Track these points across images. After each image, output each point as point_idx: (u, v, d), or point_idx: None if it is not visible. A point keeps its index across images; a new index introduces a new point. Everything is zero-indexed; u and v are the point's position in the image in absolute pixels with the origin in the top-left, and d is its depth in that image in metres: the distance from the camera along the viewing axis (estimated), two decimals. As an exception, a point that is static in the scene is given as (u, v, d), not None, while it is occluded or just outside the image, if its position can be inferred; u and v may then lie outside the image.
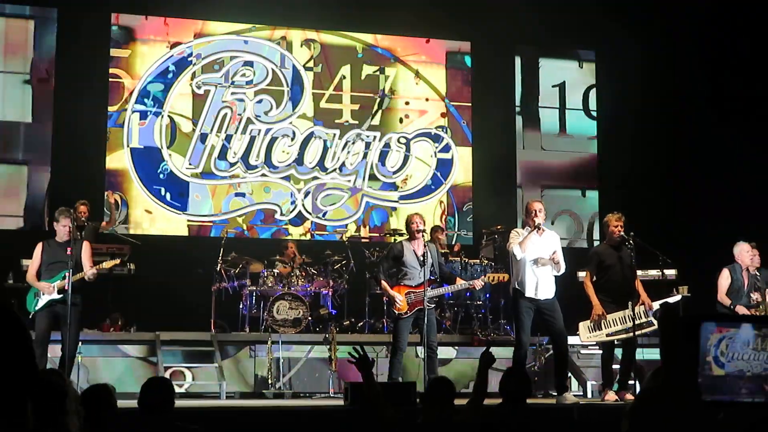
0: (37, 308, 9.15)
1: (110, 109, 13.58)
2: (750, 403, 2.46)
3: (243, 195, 13.98)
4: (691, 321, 2.52)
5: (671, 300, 10.32)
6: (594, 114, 15.52)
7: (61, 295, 9.08)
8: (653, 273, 11.53)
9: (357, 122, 14.51)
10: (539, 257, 9.32)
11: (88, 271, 9.13)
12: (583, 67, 15.66)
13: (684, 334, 2.53)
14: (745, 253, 10.49)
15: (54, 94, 13.31)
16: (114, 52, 13.72)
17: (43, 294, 9.16)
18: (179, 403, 5.15)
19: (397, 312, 9.50)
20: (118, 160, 13.55)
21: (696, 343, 2.35)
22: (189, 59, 14.01)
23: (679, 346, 2.56)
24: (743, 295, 10.40)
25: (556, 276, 9.46)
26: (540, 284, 9.33)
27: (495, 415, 5.58)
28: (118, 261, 10.10)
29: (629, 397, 9.26)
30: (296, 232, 14.01)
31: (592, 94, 15.55)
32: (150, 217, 13.63)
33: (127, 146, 13.60)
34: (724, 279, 10.43)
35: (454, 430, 5.27)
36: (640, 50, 14.27)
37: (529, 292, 9.29)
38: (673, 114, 14.37)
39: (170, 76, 13.91)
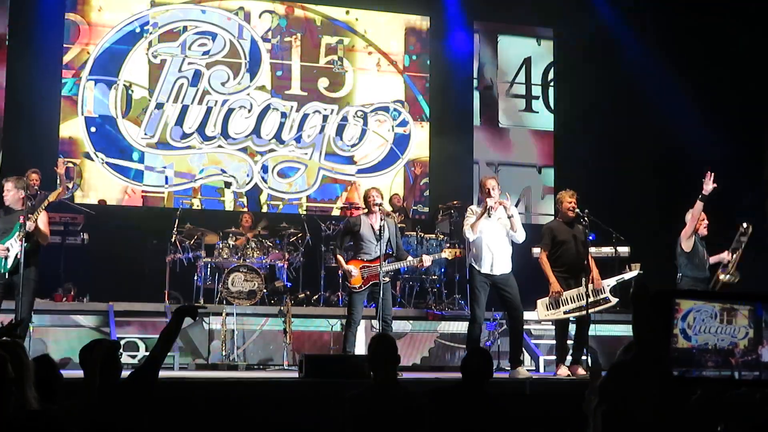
0: (8, 268, 8.98)
1: (65, 76, 13.40)
2: (717, 378, 2.49)
3: (199, 166, 13.88)
4: (663, 296, 2.54)
5: (627, 277, 10.33)
6: (552, 91, 15.57)
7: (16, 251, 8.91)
8: (606, 250, 11.64)
9: (314, 95, 14.44)
10: (494, 234, 9.32)
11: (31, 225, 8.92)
12: (542, 44, 15.69)
13: (655, 309, 2.55)
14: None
15: (6, 62, 13.07)
16: (69, 17, 13.53)
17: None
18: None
19: (351, 285, 9.50)
20: (73, 128, 13.39)
21: (668, 318, 2.37)
22: (146, 28, 13.84)
23: (650, 320, 2.59)
24: None
25: (514, 244, 9.47)
26: (495, 260, 9.33)
27: (450, 393, 5.54)
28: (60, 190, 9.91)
29: (581, 372, 9.34)
30: (252, 204, 13.96)
31: (551, 71, 15.60)
32: (104, 186, 13.48)
33: (82, 115, 13.44)
34: None
35: (402, 400, 5.21)
36: (597, 27, 14.31)
37: (485, 269, 9.31)
38: (630, 92, 14.42)
39: (126, 44, 13.72)
